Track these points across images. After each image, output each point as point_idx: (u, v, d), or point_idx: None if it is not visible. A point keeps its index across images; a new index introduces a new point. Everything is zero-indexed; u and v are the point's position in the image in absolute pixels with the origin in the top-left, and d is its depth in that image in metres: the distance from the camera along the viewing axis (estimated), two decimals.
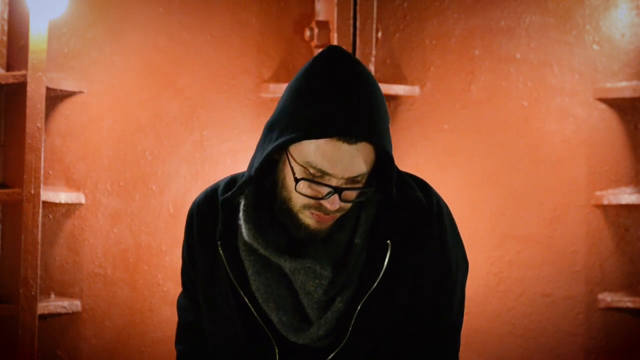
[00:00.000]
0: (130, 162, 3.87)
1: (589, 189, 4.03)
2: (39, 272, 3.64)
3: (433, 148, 4.08)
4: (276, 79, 4.01)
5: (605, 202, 4.00)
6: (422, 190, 2.00)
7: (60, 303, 3.77)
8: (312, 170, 1.84)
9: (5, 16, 3.71)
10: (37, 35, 3.59)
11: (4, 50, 3.71)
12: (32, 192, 3.60)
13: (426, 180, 2.10)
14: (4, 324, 3.68)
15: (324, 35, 3.97)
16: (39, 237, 3.62)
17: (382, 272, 1.91)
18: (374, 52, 3.94)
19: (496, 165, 4.06)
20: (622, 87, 3.98)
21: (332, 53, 1.88)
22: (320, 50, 3.99)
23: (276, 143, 1.85)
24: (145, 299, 3.89)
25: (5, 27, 3.71)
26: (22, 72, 3.63)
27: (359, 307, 1.91)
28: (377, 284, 1.91)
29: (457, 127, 4.08)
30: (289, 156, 1.87)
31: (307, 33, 3.99)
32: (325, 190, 1.85)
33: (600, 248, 4.02)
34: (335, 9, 3.91)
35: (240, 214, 1.94)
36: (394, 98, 4.07)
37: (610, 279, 4.03)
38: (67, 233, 3.80)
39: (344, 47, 3.89)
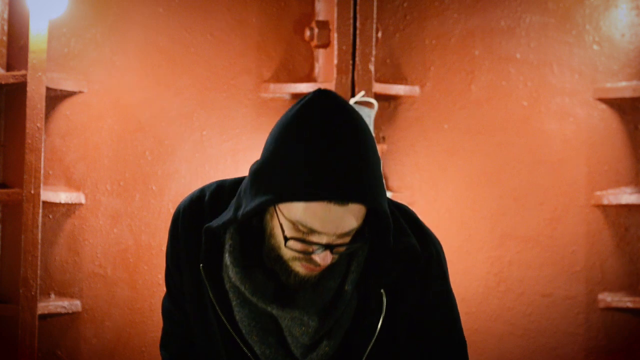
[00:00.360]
0: (130, 162, 3.87)
1: (589, 189, 4.03)
2: (39, 272, 3.64)
3: (433, 148, 4.08)
4: (276, 79, 4.01)
5: (605, 202, 4.00)
6: (419, 236, 1.94)
7: (60, 303, 3.77)
8: (301, 228, 1.78)
9: (5, 16, 3.71)
10: (37, 35, 3.59)
11: (4, 50, 3.71)
12: (32, 192, 3.60)
13: (426, 180, 2.08)
14: (4, 324, 3.68)
15: (324, 35, 3.97)
16: (39, 237, 3.62)
17: (380, 325, 1.88)
18: (374, 52, 3.94)
19: (496, 165, 4.06)
20: (622, 87, 3.98)
21: (320, 101, 1.80)
22: (320, 50, 4.02)
23: (263, 199, 1.77)
24: (145, 299, 3.89)
25: (5, 27, 3.71)
26: (22, 72, 3.63)
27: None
28: (377, 334, 1.88)
29: (457, 127, 4.08)
30: (278, 211, 1.80)
31: (307, 33, 3.99)
32: (316, 246, 1.79)
33: (600, 248, 4.02)
34: (335, 9, 3.91)
35: (226, 255, 1.88)
36: (394, 98, 4.07)
37: (610, 279, 4.03)
38: (67, 233, 3.80)
39: (344, 47, 3.91)
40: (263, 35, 4.01)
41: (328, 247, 1.79)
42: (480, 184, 4.06)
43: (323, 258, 1.80)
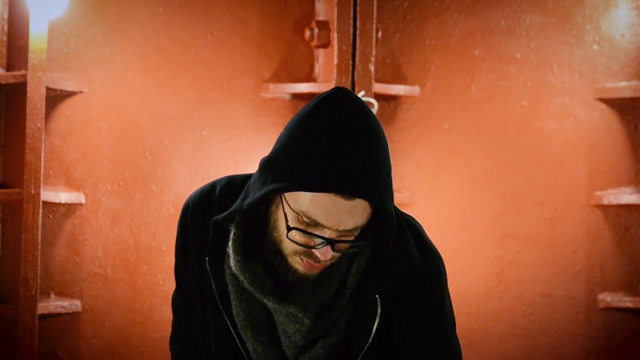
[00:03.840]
0: (130, 162, 3.87)
1: (589, 189, 4.03)
2: (39, 272, 3.63)
3: (433, 148, 4.08)
4: (276, 79, 4.01)
5: (605, 202, 4.00)
6: (419, 245, 1.94)
7: (60, 303, 3.77)
8: (305, 219, 1.78)
9: (5, 16, 3.71)
10: (37, 35, 3.59)
11: (4, 50, 3.71)
12: (32, 192, 3.60)
13: (426, 180, 2.08)
14: (4, 324, 3.68)
15: (324, 35, 3.97)
16: (39, 237, 3.62)
17: (374, 329, 1.87)
18: (374, 52, 3.94)
19: (496, 165, 4.06)
20: (622, 87, 3.98)
21: (339, 98, 1.81)
22: (320, 50, 4.02)
23: (272, 187, 1.79)
24: (145, 299, 3.89)
25: (5, 27, 3.71)
26: (22, 72, 3.63)
27: None
28: (371, 340, 1.88)
29: (457, 127, 4.08)
30: (284, 201, 1.81)
31: (307, 33, 3.99)
32: (318, 240, 1.79)
33: (600, 248, 4.02)
34: (335, 9, 3.91)
35: (230, 242, 1.89)
36: (394, 98, 4.07)
37: (610, 279, 4.03)
38: (67, 233, 3.80)
39: (344, 47, 3.91)
40: (263, 35, 4.01)
41: (330, 242, 1.79)
42: (480, 184, 4.06)
43: (324, 253, 1.79)
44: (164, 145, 3.91)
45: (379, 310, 1.87)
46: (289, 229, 1.79)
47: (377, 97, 3.95)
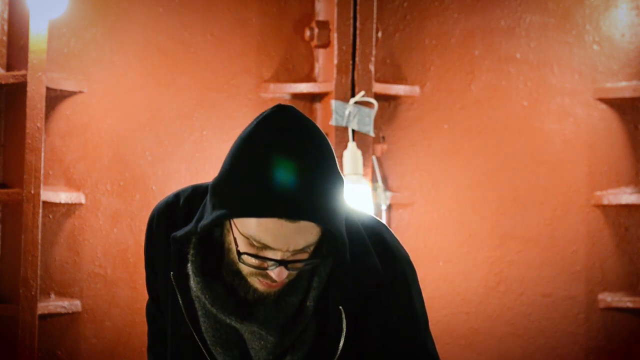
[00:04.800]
0: (130, 162, 3.87)
1: (589, 189, 4.03)
2: (39, 272, 3.63)
3: (433, 148, 4.08)
4: (276, 79, 4.01)
5: (605, 202, 4.00)
6: (382, 253, 1.92)
7: (60, 303, 3.76)
8: (255, 243, 1.78)
9: (5, 16, 3.71)
10: (37, 35, 3.59)
11: (4, 50, 3.71)
12: (32, 192, 3.60)
13: (426, 180, 2.07)
14: (4, 324, 3.68)
15: (324, 35, 3.97)
16: (39, 237, 3.62)
17: (342, 341, 1.86)
18: (374, 52, 3.94)
19: (496, 165, 4.06)
20: (622, 87, 3.98)
21: (278, 118, 1.80)
22: (320, 50, 4.02)
23: (219, 213, 1.78)
24: (145, 299, 3.88)
25: (5, 27, 3.71)
26: (22, 72, 3.62)
27: None
28: (339, 353, 1.87)
29: (457, 127, 4.08)
30: (233, 226, 1.80)
31: (307, 33, 3.99)
32: (270, 262, 1.79)
33: (600, 248, 4.02)
34: (335, 9, 3.91)
35: (189, 265, 1.89)
36: (394, 98, 4.07)
37: (610, 279, 4.03)
38: (67, 233, 3.80)
39: (344, 47, 3.91)
40: (263, 35, 4.01)
41: (282, 263, 1.78)
42: (480, 184, 4.06)
43: (278, 274, 1.78)
44: (164, 145, 3.91)
45: (344, 321, 1.86)
46: (239, 254, 1.79)
47: (377, 97, 3.95)
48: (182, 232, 1.89)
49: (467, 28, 4.08)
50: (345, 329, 1.86)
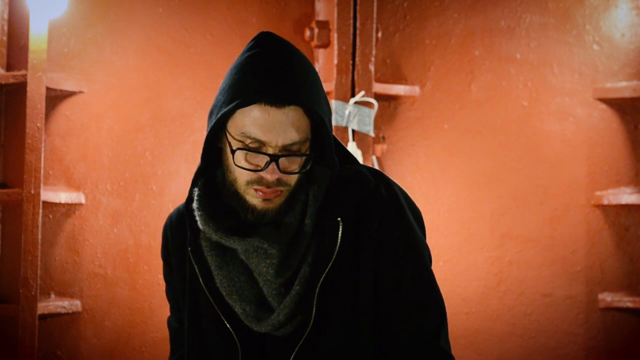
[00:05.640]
0: (130, 162, 3.87)
1: (589, 189, 4.03)
2: (39, 272, 3.64)
3: (433, 148, 4.08)
4: None
5: (605, 202, 4.00)
6: (373, 172, 2.02)
7: (60, 303, 3.77)
8: (248, 142, 1.88)
9: (5, 16, 3.71)
10: (37, 35, 3.59)
11: (4, 50, 3.71)
12: (32, 192, 3.60)
13: (426, 180, 2.10)
14: (4, 324, 3.68)
15: (324, 35, 3.97)
16: (39, 237, 3.62)
17: (337, 250, 1.92)
18: (374, 52, 3.94)
19: (496, 165, 4.06)
20: (622, 87, 3.98)
21: (260, 36, 1.96)
22: (320, 50, 4.02)
23: (212, 123, 1.92)
24: (145, 299, 3.89)
25: (5, 27, 3.72)
26: (22, 72, 3.63)
27: (318, 288, 1.91)
28: (335, 263, 1.92)
29: (457, 127, 4.08)
30: (227, 134, 1.92)
31: (307, 33, 3.99)
32: (263, 160, 1.88)
33: (600, 248, 4.02)
34: (335, 9, 3.91)
35: (194, 204, 1.98)
36: (394, 98, 4.07)
37: (610, 279, 4.03)
38: (67, 233, 3.80)
39: (344, 47, 3.91)
40: None
41: (273, 157, 1.87)
42: (480, 184, 4.06)
43: (270, 172, 1.88)
44: (164, 145, 3.91)
45: (340, 232, 1.93)
46: (233, 152, 1.90)
47: (377, 97, 3.95)
48: (191, 183, 2.02)
49: (467, 28, 4.08)
50: (340, 240, 1.92)
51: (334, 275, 1.92)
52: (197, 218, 1.96)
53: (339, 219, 1.93)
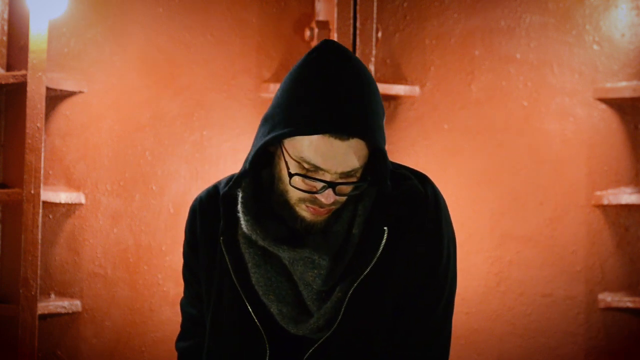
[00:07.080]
0: (130, 162, 3.87)
1: (589, 189, 4.03)
2: (39, 272, 3.63)
3: (433, 148, 4.08)
4: (276, 79, 4.01)
5: (605, 202, 4.00)
6: (419, 180, 2.02)
7: (60, 303, 3.77)
8: (306, 165, 1.85)
9: (5, 16, 3.71)
10: (37, 35, 3.59)
11: (4, 50, 3.71)
12: (32, 192, 3.60)
13: None
14: (4, 324, 3.68)
15: (324, 35, 3.97)
16: (39, 237, 3.62)
17: (376, 258, 1.92)
18: (374, 52, 3.94)
19: (496, 165, 4.06)
20: (622, 87, 3.98)
21: (327, 48, 1.90)
22: None
23: (268, 137, 1.86)
24: (145, 299, 3.89)
25: (5, 27, 3.71)
26: (22, 72, 3.63)
27: (351, 292, 1.91)
28: (372, 269, 1.92)
29: (457, 127, 4.08)
30: (284, 150, 1.88)
31: (307, 33, 3.99)
32: (320, 184, 1.86)
33: (600, 248, 4.02)
34: (335, 9, 3.91)
35: (239, 206, 1.95)
36: (394, 98, 4.07)
37: (610, 279, 4.03)
38: (67, 233, 3.80)
39: None
40: (263, 36, 4.01)
41: (330, 185, 1.85)
42: (480, 184, 4.06)
43: (326, 197, 1.86)
44: (164, 145, 3.91)
45: (384, 238, 1.92)
46: (290, 175, 1.86)
47: None
48: (231, 182, 1.98)
49: (467, 28, 4.08)
50: (382, 247, 1.92)
51: (368, 281, 1.92)
52: (243, 222, 1.94)
53: (385, 228, 1.93)
